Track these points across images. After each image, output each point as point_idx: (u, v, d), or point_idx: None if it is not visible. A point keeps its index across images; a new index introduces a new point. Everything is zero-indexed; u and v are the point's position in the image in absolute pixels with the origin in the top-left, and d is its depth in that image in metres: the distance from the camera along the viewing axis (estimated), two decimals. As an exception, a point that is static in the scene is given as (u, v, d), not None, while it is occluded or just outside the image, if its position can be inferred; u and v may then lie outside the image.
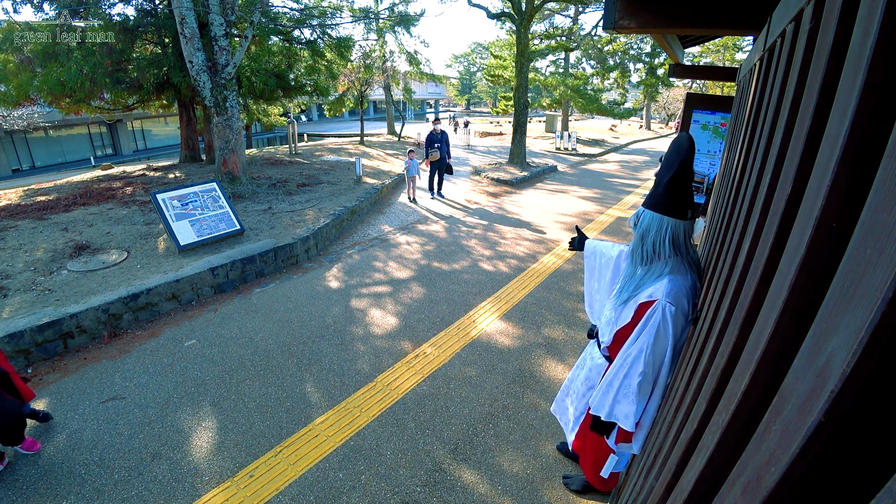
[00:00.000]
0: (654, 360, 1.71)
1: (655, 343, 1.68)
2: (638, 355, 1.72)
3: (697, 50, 24.78)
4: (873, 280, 0.39)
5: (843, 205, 0.56)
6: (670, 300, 1.66)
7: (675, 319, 1.66)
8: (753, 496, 0.53)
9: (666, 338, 1.68)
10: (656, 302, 1.68)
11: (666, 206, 1.69)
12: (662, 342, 1.69)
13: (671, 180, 1.67)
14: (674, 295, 1.67)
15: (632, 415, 1.76)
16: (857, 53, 0.55)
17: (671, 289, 1.67)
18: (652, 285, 1.72)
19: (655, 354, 1.70)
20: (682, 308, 1.68)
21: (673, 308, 1.66)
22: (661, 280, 1.71)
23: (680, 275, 1.71)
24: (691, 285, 1.71)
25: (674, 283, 1.68)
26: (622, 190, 11.46)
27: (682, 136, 1.73)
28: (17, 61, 8.78)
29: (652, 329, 1.69)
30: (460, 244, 6.90)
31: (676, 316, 1.66)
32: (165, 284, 4.71)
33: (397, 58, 18.24)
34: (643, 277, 1.75)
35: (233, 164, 8.52)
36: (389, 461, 2.90)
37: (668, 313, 1.66)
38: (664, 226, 1.69)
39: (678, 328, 1.68)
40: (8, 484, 2.72)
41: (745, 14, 2.02)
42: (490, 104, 40.98)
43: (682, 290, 1.69)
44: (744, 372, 0.77)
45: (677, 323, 1.67)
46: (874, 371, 0.39)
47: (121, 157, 23.27)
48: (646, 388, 1.73)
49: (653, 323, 1.68)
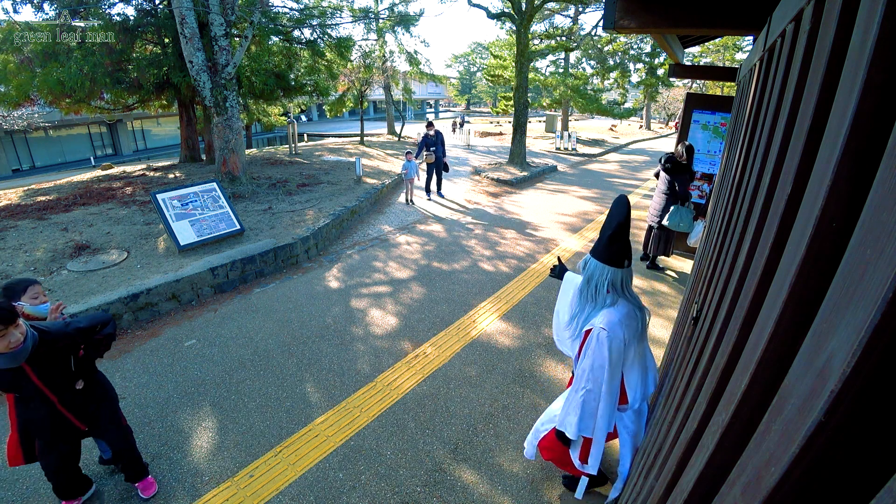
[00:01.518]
0: (595, 377, 2.00)
1: (593, 363, 1.99)
2: (581, 374, 2.04)
3: (697, 50, 24.79)
4: (873, 280, 0.39)
5: (843, 204, 0.56)
6: (604, 326, 1.97)
7: (610, 341, 1.95)
8: (753, 496, 0.53)
9: (602, 357, 1.97)
10: (593, 329, 2.01)
11: (607, 258, 2.01)
12: (599, 361, 1.98)
13: (611, 236, 1.98)
14: (607, 322, 1.98)
15: (574, 424, 2.07)
16: (857, 53, 0.55)
17: (607, 318, 1.99)
18: (595, 317, 2.05)
19: (594, 372, 2.00)
20: (615, 333, 1.97)
21: (606, 332, 1.95)
22: (601, 312, 2.03)
23: (616, 307, 2.03)
24: (626, 312, 2.03)
25: (610, 314, 2.00)
26: (622, 190, 11.46)
27: (622, 198, 2.02)
28: (17, 61, 8.77)
29: (589, 351, 2.00)
30: (460, 244, 6.90)
31: (611, 339, 1.95)
32: (165, 284, 4.71)
33: (397, 58, 18.26)
34: (590, 314, 2.08)
35: (233, 164, 8.52)
36: (389, 461, 2.90)
37: (603, 337, 1.96)
38: (605, 273, 2.01)
39: (614, 349, 1.96)
40: (7, 484, 2.72)
41: (745, 14, 2.03)
42: (490, 104, 40.97)
43: (617, 318, 1.99)
44: (744, 372, 0.77)
45: (613, 345, 1.96)
46: (874, 371, 0.39)
47: (121, 157, 23.28)
48: (591, 402, 2.03)
49: (590, 346, 2.00)
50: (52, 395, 2.18)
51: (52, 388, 2.17)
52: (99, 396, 2.45)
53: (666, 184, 5.50)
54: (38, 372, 2.10)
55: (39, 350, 2.07)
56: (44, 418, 2.23)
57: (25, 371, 2.07)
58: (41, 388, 2.13)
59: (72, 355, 2.23)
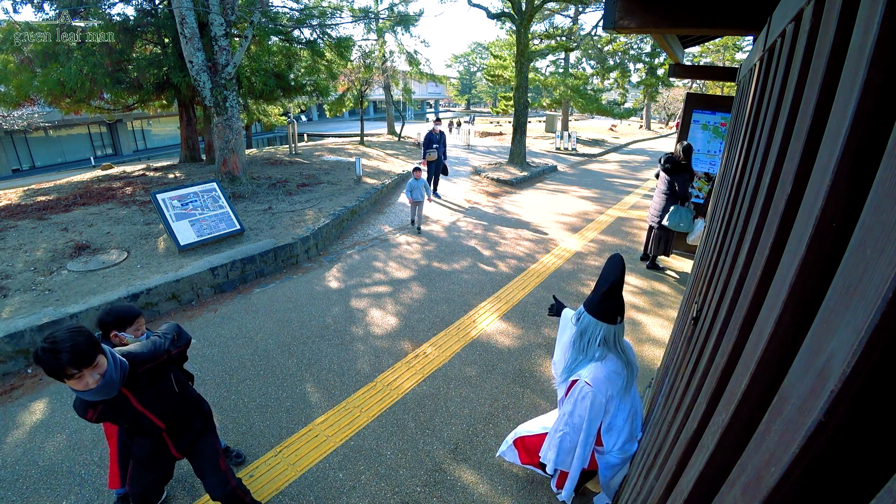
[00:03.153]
0: (573, 423, 2.13)
1: (573, 411, 2.12)
2: (561, 417, 2.19)
3: (697, 50, 24.78)
4: (873, 280, 0.39)
5: (843, 205, 0.56)
6: (589, 381, 2.07)
7: (594, 397, 2.06)
8: (753, 496, 0.53)
9: (583, 409, 2.08)
10: (578, 381, 2.11)
11: (600, 314, 2.11)
12: (580, 412, 2.10)
13: (605, 294, 2.07)
14: (593, 378, 2.07)
15: (552, 461, 2.23)
16: (857, 53, 0.55)
17: (594, 374, 2.09)
18: (582, 368, 2.14)
19: (573, 419, 2.13)
20: (600, 388, 2.07)
21: (591, 388, 2.06)
22: (589, 365, 2.13)
23: (605, 362, 2.12)
24: (613, 369, 2.13)
25: (597, 369, 2.10)
26: (622, 190, 11.46)
27: (616, 257, 2.14)
28: (17, 61, 8.77)
29: (571, 400, 2.13)
30: (460, 244, 6.90)
31: (595, 395, 2.06)
32: (165, 284, 4.71)
33: (397, 58, 18.24)
34: (580, 363, 2.18)
35: (233, 163, 8.52)
36: (389, 461, 2.90)
37: (586, 392, 2.07)
38: (598, 329, 2.11)
39: (596, 404, 2.08)
40: (7, 484, 2.72)
41: (745, 14, 2.03)
42: (490, 104, 40.97)
43: (604, 374, 2.09)
44: (744, 372, 0.77)
45: (596, 400, 2.07)
46: (874, 371, 0.39)
47: (121, 157, 23.28)
48: (566, 443, 2.17)
49: (574, 396, 2.12)
50: (160, 422, 2.00)
51: (157, 413, 1.98)
52: (199, 429, 2.24)
53: (666, 184, 5.51)
54: (140, 398, 1.91)
55: (135, 375, 1.88)
56: (146, 445, 2.08)
57: (128, 398, 1.89)
58: (146, 414, 1.95)
59: (171, 374, 2.04)
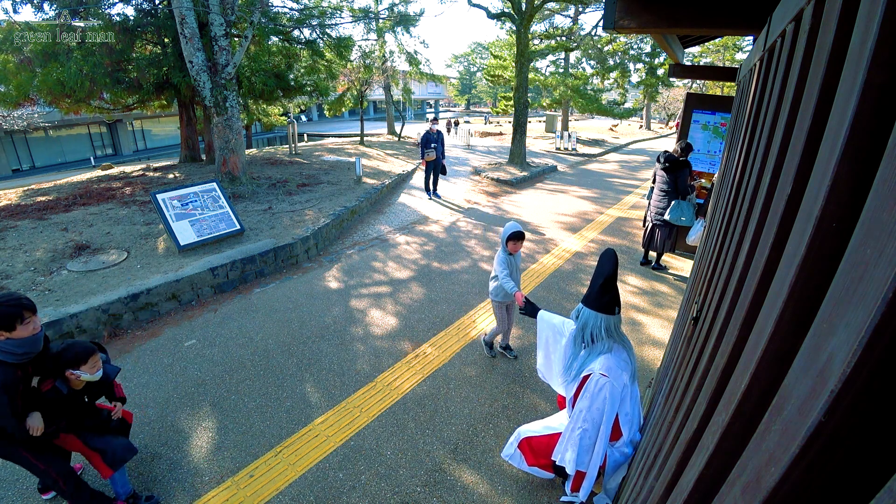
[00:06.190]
0: (592, 418, 2.14)
1: (591, 406, 2.14)
2: (578, 414, 2.19)
3: (697, 50, 24.77)
4: (873, 280, 0.39)
5: (843, 205, 0.56)
6: (604, 372, 2.12)
7: (611, 388, 2.10)
8: (753, 496, 0.53)
9: (601, 401, 2.11)
10: (592, 374, 2.15)
11: (599, 306, 2.20)
12: (598, 405, 2.12)
13: (602, 287, 2.17)
14: (608, 368, 2.13)
15: (573, 461, 2.19)
16: (857, 53, 0.55)
17: (606, 364, 2.15)
18: (592, 362, 2.20)
19: (592, 413, 2.14)
20: (617, 377, 2.12)
21: (608, 378, 2.10)
22: (598, 358, 2.18)
23: (613, 353, 2.19)
24: (624, 357, 2.22)
25: (609, 360, 2.16)
26: (622, 190, 11.46)
27: (610, 251, 2.22)
28: (17, 61, 8.76)
29: (587, 395, 2.15)
30: (460, 244, 6.90)
31: (612, 384, 2.10)
32: (165, 284, 4.71)
33: (397, 58, 18.23)
34: (586, 358, 2.23)
35: (233, 164, 8.52)
36: (389, 461, 2.90)
37: (603, 383, 2.11)
38: (599, 321, 2.20)
39: (614, 394, 2.11)
40: (8, 484, 2.72)
41: (745, 14, 2.03)
42: (490, 104, 40.96)
43: (615, 363, 2.15)
44: (744, 372, 0.77)
45: (614, 389, 2.11)
46: (874, 371, 0.39)
47: (121, 157, 23.27)
48: (586, 440, 2.17)
49: (589, 390, 2.14)
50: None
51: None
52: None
53: (665, 181, 5.50)
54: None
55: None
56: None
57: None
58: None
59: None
